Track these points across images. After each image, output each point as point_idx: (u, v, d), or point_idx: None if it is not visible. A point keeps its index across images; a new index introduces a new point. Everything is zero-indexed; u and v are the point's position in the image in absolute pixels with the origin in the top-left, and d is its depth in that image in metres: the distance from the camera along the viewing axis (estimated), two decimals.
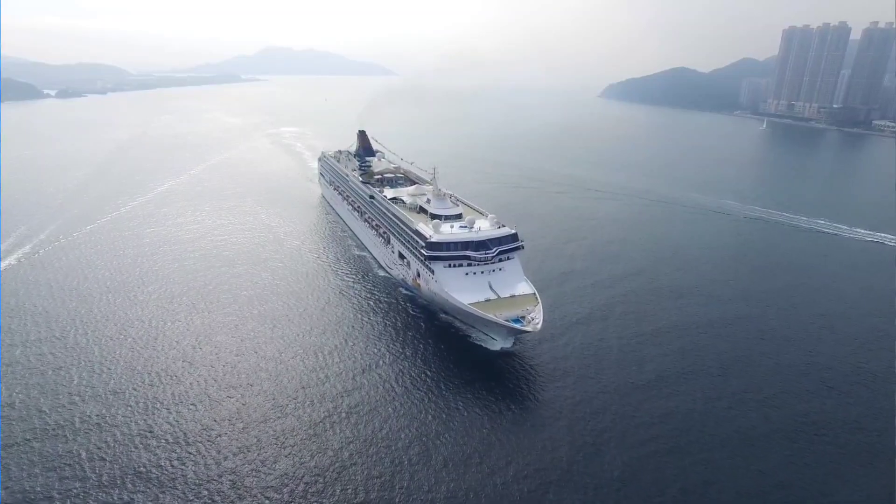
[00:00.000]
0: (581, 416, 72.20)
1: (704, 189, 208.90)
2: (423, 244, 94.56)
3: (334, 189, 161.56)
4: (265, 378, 79.06)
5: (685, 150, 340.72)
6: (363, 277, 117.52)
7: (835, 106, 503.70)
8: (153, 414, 70.38)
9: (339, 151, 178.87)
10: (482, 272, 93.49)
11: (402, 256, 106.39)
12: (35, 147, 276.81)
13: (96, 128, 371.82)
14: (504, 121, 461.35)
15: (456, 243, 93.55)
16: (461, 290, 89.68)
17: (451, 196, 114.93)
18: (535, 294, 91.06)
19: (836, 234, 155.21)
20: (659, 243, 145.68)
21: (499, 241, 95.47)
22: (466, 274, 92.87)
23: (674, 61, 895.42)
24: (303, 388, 76.90)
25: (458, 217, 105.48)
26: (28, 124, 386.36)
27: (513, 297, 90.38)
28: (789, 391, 78.87)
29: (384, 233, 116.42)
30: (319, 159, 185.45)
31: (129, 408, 71.29)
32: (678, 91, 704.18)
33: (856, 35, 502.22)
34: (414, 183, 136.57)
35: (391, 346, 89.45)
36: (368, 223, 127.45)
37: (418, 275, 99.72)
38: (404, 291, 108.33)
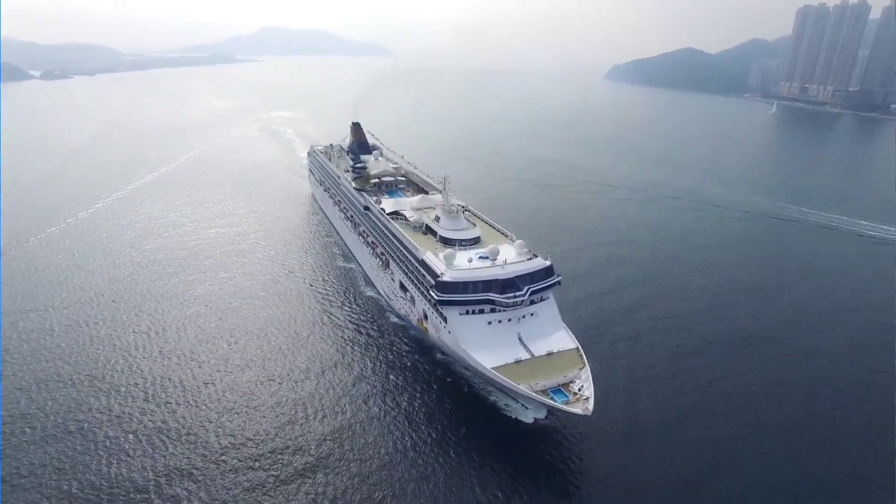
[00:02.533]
0: None
1: (722, 183, 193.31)
2: (433, 283, 74.07)
3: (324, 190, 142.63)
4: (210, 461, 60.89)
5: (693, 138, 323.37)
6: (353, 301, 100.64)
7: (851, 89, 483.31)
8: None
9: (331, 146, 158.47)
10: (509, 320, 73.15)
11: (403, 288, 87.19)
12: None
13: (75, 112, 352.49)
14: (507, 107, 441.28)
15: (476, 283, 72.22)
16: (483, 346, 69.91)
17: (463, 209, 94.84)
18: (578, 350, 70.73)
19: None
20: (687, 252, 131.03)
21: (530, 277, 74.23)
22: (489, 323, 72.55)
23: (680, 42, 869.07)
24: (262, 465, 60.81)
25: (476, 242, 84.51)
26: None
27: (550, 354, 69.98)
28: None
29: (382, 254, 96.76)
30: (309, 154, 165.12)
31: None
32: (685, 73, 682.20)
33: (875, 14, 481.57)
34: (418, 189, 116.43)
35: (386, 404, 71.09)
36: (363, 238, 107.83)
37: (425, 316, 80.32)
38: (404, 325, 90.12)
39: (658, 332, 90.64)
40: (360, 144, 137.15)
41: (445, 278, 72.88)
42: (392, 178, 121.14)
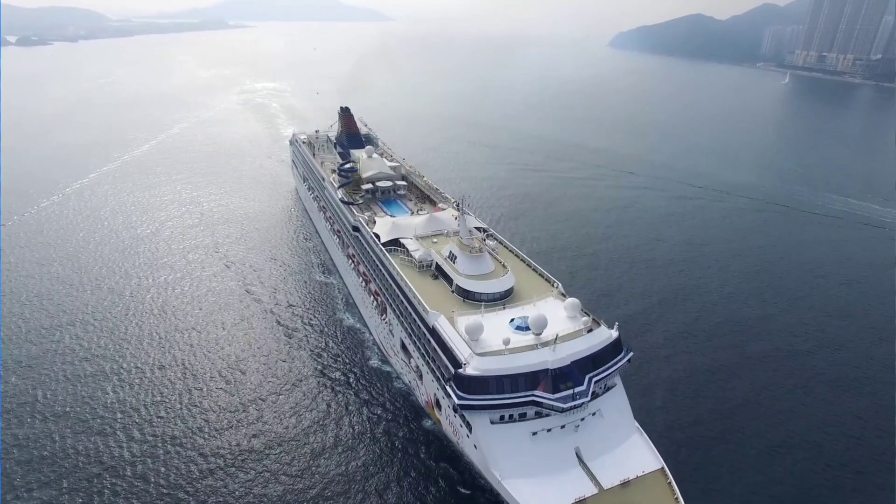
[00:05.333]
0: None
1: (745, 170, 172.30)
2: (452, 373, 51.64)
3: (308, 189, 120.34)
4: None
5: (704, 114, 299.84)
6: (331, 334, 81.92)
7: (873, 57, 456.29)
8: None
9: (316, 134, 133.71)
10: (562, 427, 50.89)
11: (405, 349, 65.91)
12: None
13: (46, 82, 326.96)
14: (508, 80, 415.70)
15: (515, 377, 49.53)
16: (526, 474, 48.40)
17: (485, 234, 73.17)
18: (664, 472, 49.19)
19: None
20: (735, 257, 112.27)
21: (592, 361, 51.87)
22: (534, 434, 50.24)
23: (688, 7, 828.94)
24: None
25: (508, 295, 60.73)
26: None
27: (625, 484, 47.78)
28: None
29: (376, 293, 74.86)
30: (291, 142, 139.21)
31: None
32: (694, 40, 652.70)
33: None
34: (422, 196, 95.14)
35: None
36: (352, 261, 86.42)
37: (437, 403, 58.78)
38: (404, 389, 69.13)
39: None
40: (349, 136, 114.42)
41: (470, 370, 49.77)
42: (390, 183, 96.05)
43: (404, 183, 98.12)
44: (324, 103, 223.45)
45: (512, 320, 54.86)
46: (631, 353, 55.04)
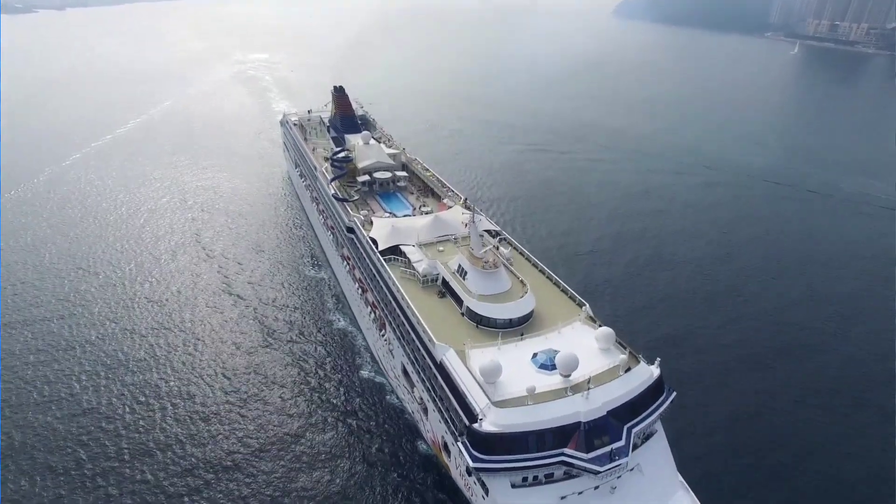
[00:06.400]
0: None
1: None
2: (465, 427, 43.08)
3: (300, 175, 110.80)
4: None
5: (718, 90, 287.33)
6: (321, 339, 74.19)
7: (889, 26, 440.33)
8: None
9: (308, 115, 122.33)
10: (596, 488, 42.28)
11: (407, 376, 57.67)
12: None
13: (23, 55, 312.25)
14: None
15: (540, 434, 40.99)
16: None
17: (498, 238, 65.02)
18: None
19: None
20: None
21: (631, 408, 43.56)
22: (563, 499, 41.80)
23: None
24: None
25: (528, 320, 51.40)
26: None
27: None
28: None
29: (373, 304, 65.94)
30: (281, 123, 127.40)
31: None
32: (700, 7, 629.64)
33: None
34: (424, 188, 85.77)
35: None
36: (347, 263, 77.64)
37: (445, 447, 50.26)
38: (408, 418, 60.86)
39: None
40: (344, 119, 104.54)
41: (487, 426, 40.73)
42: (389, 175, 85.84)
43: (405, 174, 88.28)
44: (319, 78, 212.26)
45: (535, 356, 46.36)
46: (674, 394, 46.80)
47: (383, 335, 63.83)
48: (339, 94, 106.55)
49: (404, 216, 74.59)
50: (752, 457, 56.35)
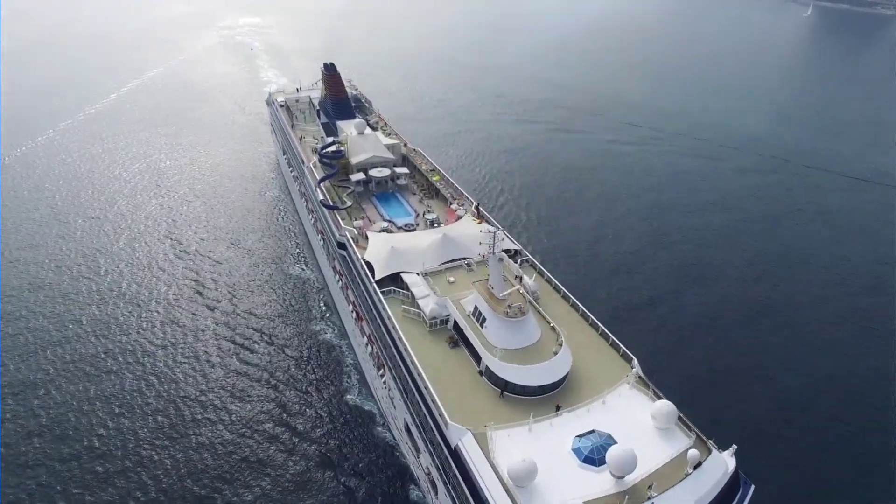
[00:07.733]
0: None
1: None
2: None
3: (287, 164, 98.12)
4: None
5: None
6: (308, 365, 64.62)
7: None
8: None
9: (297, 94, 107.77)
10: None
11: (411, 435, 47.72)
12: None
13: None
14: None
15: None
16: None
17: (519, 263, 53.56)
18: None
19: None
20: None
21: None
22: None
23: None
24: None
25: (564, 382, 40.68)
26: None
27: None
28: None
29: (370, 337, 56.00)
30: (268, 103, 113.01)
31: None
32: None
33: None
34: (428, 187, 74.25)
35: None
36: (339, 277, 66.63)
37: (435, 494, 43.85)
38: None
39: None
40: (335, 103, 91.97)
41: None
42: (387, 172, 73.47)
43: (405, 170, 76.27)
44: (309, 45, 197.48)
45: (577, 441, 35.83)
46: (752, 487, 36.45)
47: (381, 375, 53.62)
48: (331, 74, 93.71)
49: (405, 225, 63.95)
50: None
